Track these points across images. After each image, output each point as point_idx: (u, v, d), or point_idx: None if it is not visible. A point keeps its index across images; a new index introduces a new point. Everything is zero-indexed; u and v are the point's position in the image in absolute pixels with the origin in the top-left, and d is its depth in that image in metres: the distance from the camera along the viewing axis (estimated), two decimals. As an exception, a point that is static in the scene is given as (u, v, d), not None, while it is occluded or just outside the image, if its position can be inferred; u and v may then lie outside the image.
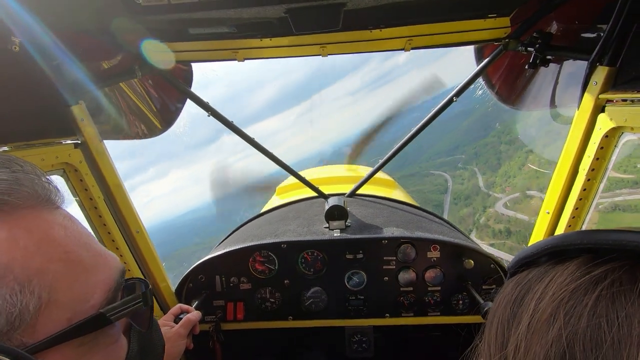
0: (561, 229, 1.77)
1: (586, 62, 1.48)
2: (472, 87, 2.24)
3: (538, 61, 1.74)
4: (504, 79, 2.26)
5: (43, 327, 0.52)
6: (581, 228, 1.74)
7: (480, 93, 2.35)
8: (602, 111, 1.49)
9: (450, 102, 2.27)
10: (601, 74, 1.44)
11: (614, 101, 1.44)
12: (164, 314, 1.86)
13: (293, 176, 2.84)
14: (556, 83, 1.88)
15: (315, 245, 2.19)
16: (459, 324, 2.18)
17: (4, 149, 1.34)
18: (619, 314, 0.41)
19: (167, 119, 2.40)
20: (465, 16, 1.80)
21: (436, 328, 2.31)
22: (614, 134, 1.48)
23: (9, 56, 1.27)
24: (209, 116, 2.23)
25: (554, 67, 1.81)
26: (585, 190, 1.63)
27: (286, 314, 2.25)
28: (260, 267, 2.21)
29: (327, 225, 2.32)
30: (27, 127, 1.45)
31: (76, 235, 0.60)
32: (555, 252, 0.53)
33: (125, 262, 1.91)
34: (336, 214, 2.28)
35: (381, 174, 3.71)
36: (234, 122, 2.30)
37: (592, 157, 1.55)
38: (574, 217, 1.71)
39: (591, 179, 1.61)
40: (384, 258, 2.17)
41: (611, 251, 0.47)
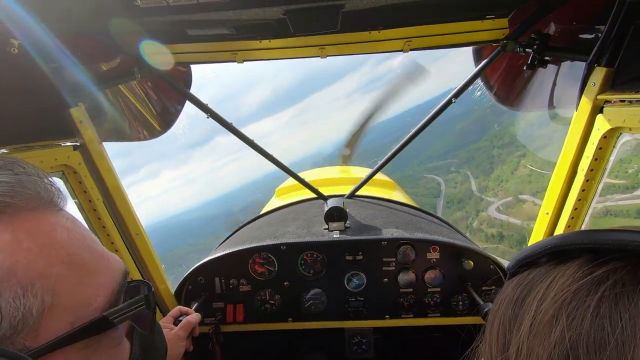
0: (560, 230, 1.77)
1: (584, 63, 1.49)
2: (470, 88, 2.25)
3: (536, 62, 1.75)
4: (502, 80, 2.27)
5: (46, 331, 0.52)
6: (580, 228, 1.75)
7: (478, 94, 2.36)
8: (601, 112, 1.49)
9: (449, 103, 2.28)
10: (599, 74, 1.44)
11: (612, 102, 1.44)
12: (164, 316, 1.86)
13: (292, 178, 2.84)
14: (554, 84, 1.89)
15: (315, 246, 2.19)
16: (458, 325, 2.18)
17: (3, 151, 1.34)
18: (622, 315, 0.41)
19: (166, 120, 2.40)
20: (464, 17, 1.81)
21: (436, 329, 2.31)
22: (612, 135, 1.48)
23: (8, 58, 1.26)
24: (208, 118, 2.23)
25: (552, 68, 1.81)
26: (584, 190, 1.64)
27: (286, 315, 2.25)
28: (259, 268, 2.21)
29: (326, 226, 2.32)
30: (26, 129, 1.45)
31: (79, 238, 0.60)
32: (556, 252, 0.53)
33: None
34: (335, 215, 2.28)
35: (380, 175, 3.71)
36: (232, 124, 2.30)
37: (591, 157, 1.55)
38: (572, 218, 1.71)
39: (590, 180, 1.61)
40: (384, 259, 2.17)
41: (612, 251, 0.47)
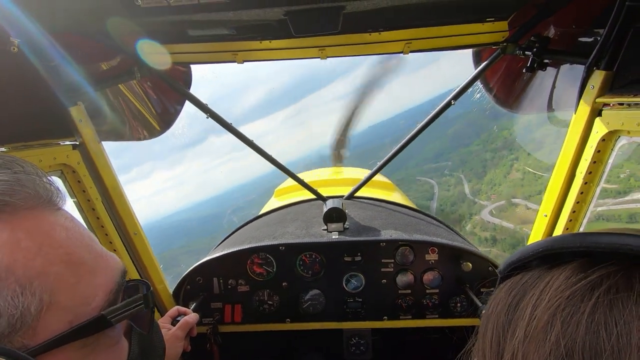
0: (559, 232, 1.78)
1: (583, 66, 1.49)
2: (469, 90, 2.25)
3: (535, 65, 1.75)
4: (501, 83, 2.27)
5: (44, 330, 0.52)
6: (579, 231, 1.75)
7: (478, 96, 2.36)
8: (599, 115, 1.50)
9: (448, 105, 2.28)
10: (598, 77, 1.44)
11: (611, 105, 1.45)
12: (162, 316, 1.85)
13: (291, 178, 2.84)
14: (553, 87, 1.89)
15: (314, 247, 2.19)
16: (457, 327, 2.18)
17: (2, 149, 1.33)
18: (617, 321, 0.41)
19: (166, 120, 2.40)
20: (464, 20, 1.81)
21: (434, 331, 2.31)
22: (610, 138, 1.48)
23: (7, 57, 1.26)
24: (207, 118, 2.23)
25: (551, 70, 1.82)
26: (582, 193, 1.64)
27: (284, 316, 2.24)
28: (258, 269, 2.20)
29: (325, 227, 2.32)
30: (25, 128, 1.45)
31: (78, 237, 0.60)
32: (548, 256, 0.52)
33: None
34: (334, 216, 2.28)
35: (379, 177, 3.71)
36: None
37: (589, 160, 1.56)
38: (571, 220, 1.72)
39: (588, 182, 1.61)
40: (382, 260, 2.17)
41: (605, 255, 0.47)
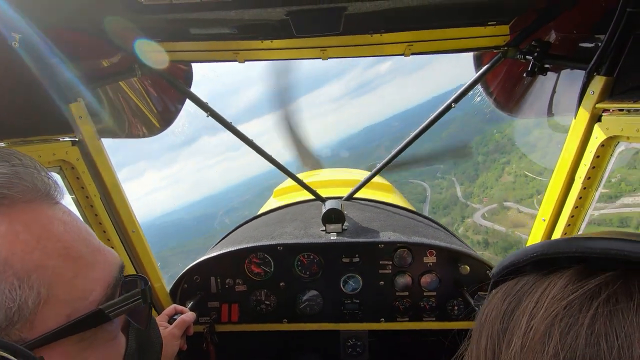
0: (557, 236, 1.78)
1: (584, 72, 1.50)
2: (470, 93, 2.26)
3: (536, 69, 1.76)
4: (502, 86, 2.28)
5: (42, 323, 0.52)
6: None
7: (478, 99, 2.37)
8: (599, 120, 1.50)
9: (449, 107, 2.28)
10: (598, 83, 1.45)
11: (611, 111, 1.45)
12: (158, 314, 1.85)
13: (291, 179, 2.84)
14: (554, 91, 1.90)
15: (312, 248, 2.19)
16: (454, 330, 2.18)
17: (1, 144, 1.33)
18: (618, 333, 0.40)
19: (166, 118, 2.39)
20: (465, 23, 1.82)
21: (431, 333, 2.31)
22: (610, 143, 1.49)
23: (9, 52, 1.26)
24: (207, 117, 2.23)
25: (551, 75, 1.82)
26: (581, 198, 1.65)
27: (281, 316, 2.24)
28: (256, 269, 2.20)
29: (324, 228, 2.32)
30: (25, 124, 1.44)
31: (75, 231, 0.60)
32: (543, 260, 0.51)
33: None
34: (333, 217, 2.28)
35: (378, 178, 3.71)
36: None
37: (589, 165, 1.56)
38: (569, 225, 1.72)
39: (587, 187, 1.62)
40: (380, 262, 2.17)
41: (601, 260, 0.46)
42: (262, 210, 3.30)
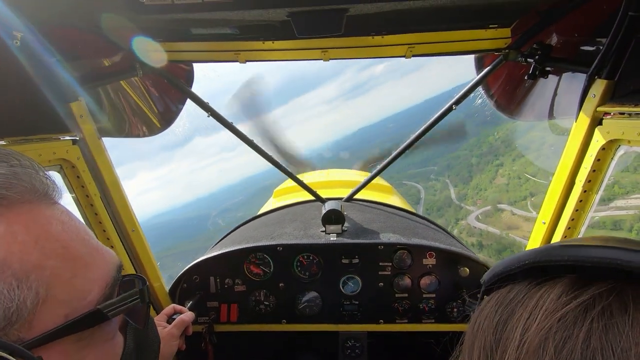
0: (557, 239, 1.78)
1: (585, 75, 1.50)
2: (471, 95, 2.26)
3: (537, 72, 1.76)
4: (503, 89, 2.28)
5: (40, 323, 0.52)
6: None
7: (479, 102, 2.37)
8: (600, 124, 1.50)
9: (449, 110, 2.28)
10: (599, 86, 1.45)
11: (612, 114, 1.45)
12: (157, 314, 1.85)
13: (291, 179, 2.84)
14: (555, 94, 1.90)
15: (312, 248, 2.18)
16: (453, 332, 2.17)
17: (1, 143, 1.33)
18: (614, 349, 0.39)
19: (167, 118, 2.40)
20: (467, 26, 1.82)
21: (430, 335, 2.30)
22: (610, 147, 1.49)
23: (10, 50, 1.26)
24: (208, 116, 2.23)
25: (553, 78, 1.82)
26: (581, 201, 1.64)
27: (280, 317, 2.24)
28: (255, 269, 2.20)
29: (323, 229, 2.32)
30: (26, 122, 1.44)
31: (74, 231, 0.60)
32: (535, 269, 0.51)
33: None
34: (333, 218, 2.28)
35: (379, 180, 3.71)
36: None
37: (589, 168, 1.56)
38: (569, 228, 1.72)
39: (587, 191, 1.62)
40: (380, 264, 2.17)
41: (595, 269, 0.45)
42: (261, 211, 3.30)
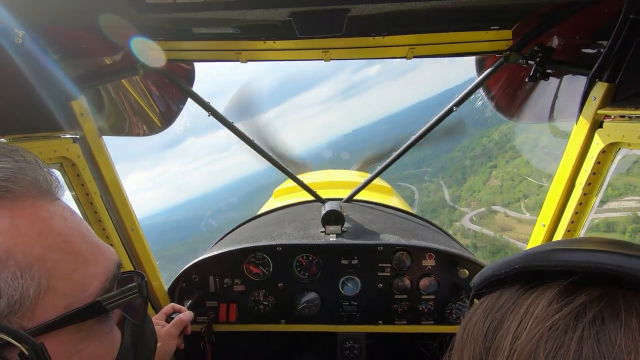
0: None
1: (585, 77, 1.50)
2: (472, 97, 2.26)
3: (538, 74, 1.76)
4: (503, 91, 2.28)
5: (41, 313, 0.54)
6: None
7: (480, 103, 2.37)
8: (600, 126, 1.50)
9: (450, 111, 2.29)
10: (600, 89, 1.45)
11: (612, 117, 1.45)
12: (156, 312, 1.85)
13: (291, 179, 2.84)
14: (555, 97, 1.90)
15: (311, 249, 2.18)
16: (451, 334, 2.17)
17: (2, 140, 1.33)
18: (607, 358, 0.39)
19: (167, 117, 2.40)
20: (468, 27, 1.82)
21: (429, 337, 2.30)
22: (611, 150, 1.49)
23: (11, 48, 1.26)
24: (209, 116, 2.23)
25: (553, 81, 1.82)
26: (581, 204, 1.64)
27: (279, 317, 2.24)
28: (254, 269, 2.20)
29: (323, 229, 2.32)
30: (27, 120, 1.45)
31: (75, 227, 0.61)
32: (525, 273, 0.50)
33: None
34: (333, 218, 2.28)
35: (379, 181, 3.71)
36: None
37: (589, 171, 1.56)
38: (569, 231, 1.72)
39: (587, 193, 1.62)
40: (379, 265, 2.17)
41: (586, 273, 0.44)
42: (261, 211, 3.30)
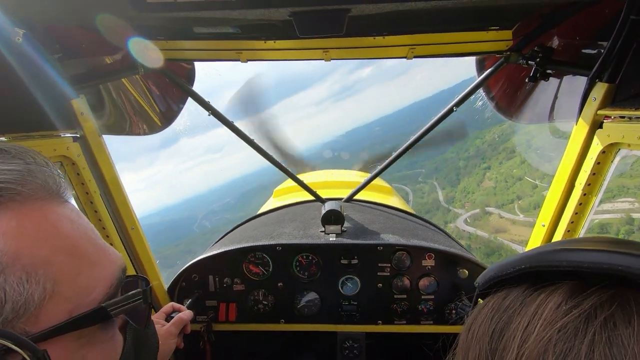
0: None
1: (586, 78, 1.50)
2: (471, 97, 2.26)
3: (538, 75, 1.76)
4: (503, 91, 2.28)
5: (45, 318, 0.53)
6: None
7: (480, 104, 2.37)
8: (600, 127, 1.50)
9: (450, 111, 2.29)
10: (600, 90, 1.45)
11: (612, 118, 1.45)
12: (156, 312, 1.85)
13: (291, 179, 2.84)
14: (555, 97, 1.90)
15: (311, 249, 2.18)
16: (451, 334, 2.17)
17: (2, 139, 1.33)
18: None
19: (168, 116, 2.40)
20: (468, 27, 1.82)
21: (428, 337, 2.30)
22: (611, 150, 1.49)
23: (11, 47, 1.26)
24: (209, 115, 2.23)
25: (553, 81, 1.83)
26: (581, 204, 1.65)
27: (278, 317, 2.24)
28: (254, 268, 2.20)
29: (323, 229, 2.32)
30: (27, 118, 1.45)
31: (82, 230, 0.61)
32: (532, 273, 0.49)
33: None
34: (332, 218, 2.28)
35: (379, 181, 3.71)
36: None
37: (589, 172, 1.56)
38: (569, 231, 1.72)
39: (587, 194, 1.62)
40: (379, 264, 2.17)
41: (594, 274, 0.43)
42: (261, 210, 3.30)
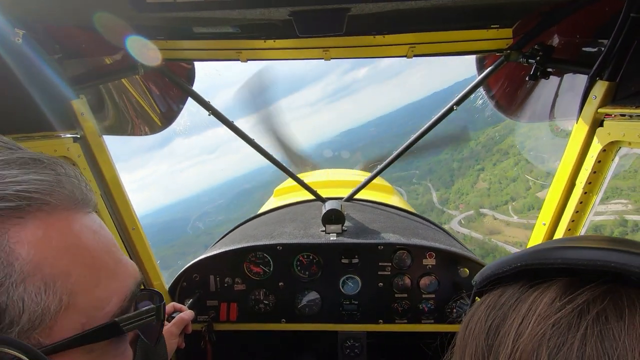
0: None
1: (586, 76, 1.49)
2: (472, 96, 2.26)
3: (539, 73, 1.76)
4: (504, 90, 2.28)
5: (59, 330, 0.53)
6: None
7: (480, 102, 2.37)
8: (601, 125, 1.50)
9: (450, 110, 2.28)
10: (601, 88, 1.45)
11: (613, 116, 1.45)
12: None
13: (291, 178, 2.84)
14: (556, 95, 1.90)
15: (311, 248, 2.19)
16: (452, 333, 2.17)
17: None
18: (610, 356, 0.38)
19: (168, 116, 2.40)
20: (468, 26, 1.82)
21: (429, 336, 2.30)
22: (611, 148, 1.49)
23: (12, 48, 1.26)
24: (209, 115, 2.23)
25: (554, 79, 1.82)
26: (582, 203, 1.64)
27: (279, 316, 2.24)
28: (255, 268, 2.20)
29: (323, 228, 2.32)
30: (27, 119, 1.45)
31: (103, 241, 0.61)
32: (527, 271, 0.50)
33: None
34: (333, 217, 2.28)
35: (379, 180, 3.71)
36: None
37: (590, 170, 1.56)
38: (570, 230, 1.72)
39: (588, 192, 1.62)
40: (380, 264, 2.17)
41: (588, 271, 0.44)
42: (262, 210, 3.30)
